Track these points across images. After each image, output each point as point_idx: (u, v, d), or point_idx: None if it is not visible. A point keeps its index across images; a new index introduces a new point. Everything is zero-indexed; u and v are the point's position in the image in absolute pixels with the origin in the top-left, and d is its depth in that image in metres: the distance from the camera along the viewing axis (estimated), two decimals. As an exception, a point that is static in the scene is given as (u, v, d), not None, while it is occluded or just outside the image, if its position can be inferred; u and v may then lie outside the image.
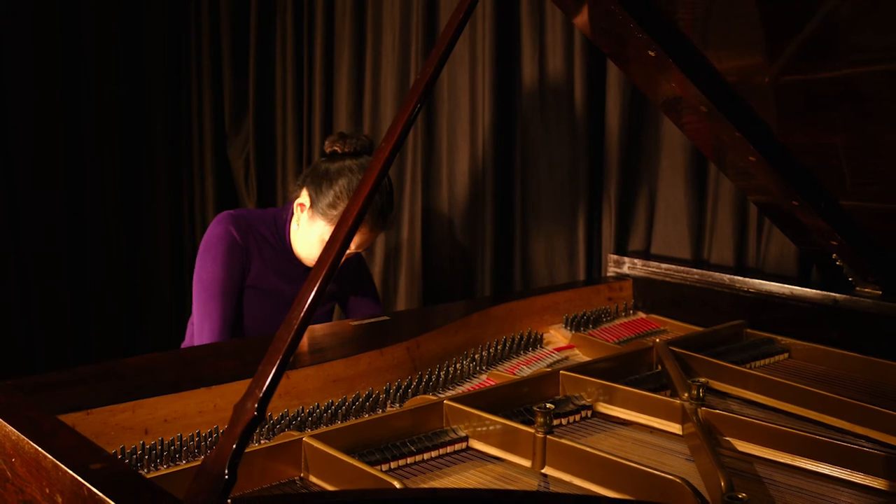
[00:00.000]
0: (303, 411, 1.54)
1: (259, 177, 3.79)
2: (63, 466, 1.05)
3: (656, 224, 2.50)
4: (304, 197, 2.18)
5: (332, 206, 2.11)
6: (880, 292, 1.92)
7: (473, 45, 2.82)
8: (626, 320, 2.21)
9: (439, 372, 1.75)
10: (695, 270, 2.26)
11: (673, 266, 2.31)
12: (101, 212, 3.93)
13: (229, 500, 1.02)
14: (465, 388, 1.73)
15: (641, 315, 2.26)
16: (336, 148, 2.19)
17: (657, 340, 1.87)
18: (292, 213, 2.23)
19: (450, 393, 1.69)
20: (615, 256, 2.46)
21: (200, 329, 2.13)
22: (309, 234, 2.17)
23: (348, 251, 2.15)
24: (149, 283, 4.08)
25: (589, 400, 1.62)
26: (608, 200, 2.55)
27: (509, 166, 2.79)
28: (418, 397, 1.61)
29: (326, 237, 2.11)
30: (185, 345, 2.31)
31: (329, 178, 2.12)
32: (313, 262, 2.18)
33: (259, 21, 3.71)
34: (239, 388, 1.48)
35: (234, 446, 1.03)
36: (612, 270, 2.45)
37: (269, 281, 2.23)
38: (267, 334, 2.17)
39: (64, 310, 3.83)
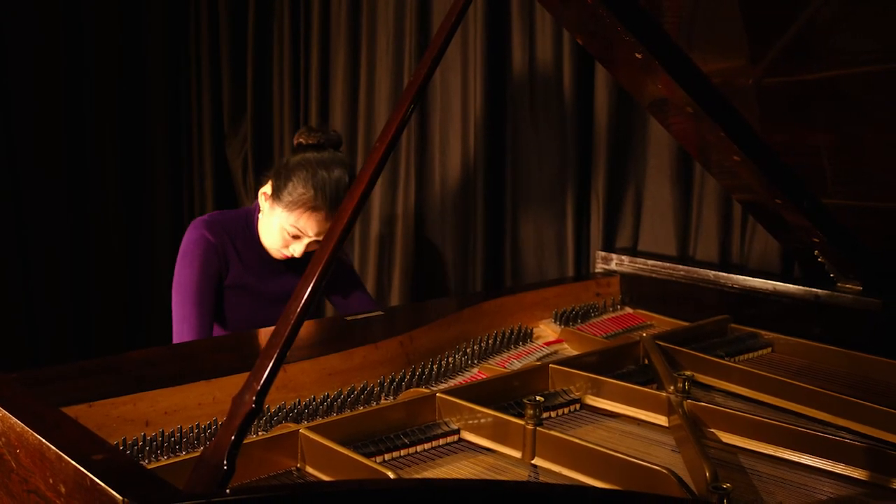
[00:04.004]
0: (299, 404, 1.56)
1: (257, 176, 3.81)
2: (66, 457, 1.06)
3: (643, 221, 2.52)
4: (268, 186, 2.21)
5: (289, 195, 2.12)
6: (861, 288, 1.94)
7: (465, 48, 2.84)
8: (613, 315, 2.23)
9: (432, 365, 1.77)
10: (681, 267, 2.27)
11: (659, 262, 2.33)
12: (103, 210, 3.94)
13: (228, 490, 1.04)
14: (458, 381, 1.74)
15: (629, 310, 2.28)
16: (301, 140, 2.22)
17: (644, 335, 1.88)
18: (259, 207, 2.25)
19: (442, 386, 1.71)
20: (603, 253, 2.48)
21: (179, 332, 2.15)
22: (271, 222, 2.18)
23: (312, 240, 2.16)
24: (149, 280, 4.09)
25: (577, 393, 1.64)
26: (596, 198, 2.58)
27: (500, 165, 2.81)
28: (411, 390, 1.63)
29: (286, 226, 2.14)
30: None
31: (288, 169, 2.15)
32: (276, 252, 2.21)
33: (257, 24, 3.72)
34: (237, 381, 1.49)
35: (233, 438, 1.05)
36: (600, 267, 2.47)
37: (247, 279, 2.24)
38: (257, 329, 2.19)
39: (66, 306, 3.85)
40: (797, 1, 1.37)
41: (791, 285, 2.05)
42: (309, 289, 1.17)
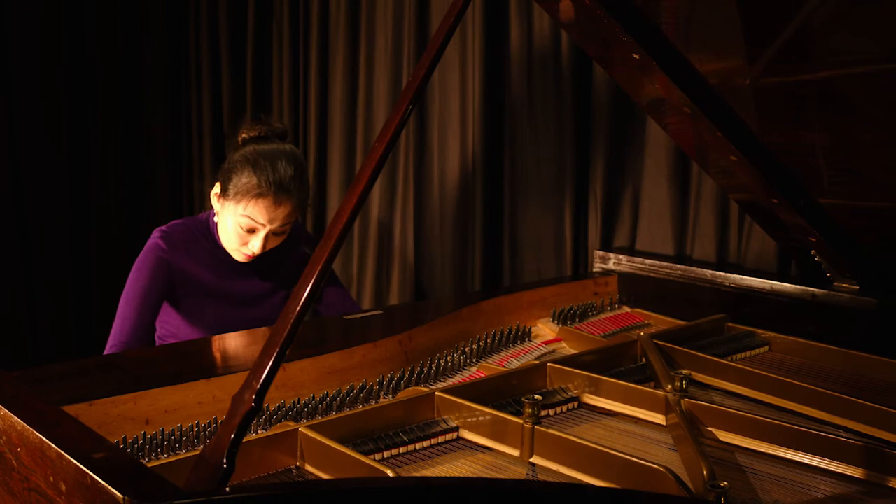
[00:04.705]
0: (299, 402, 1.56)
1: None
2: (67, 455, 1.06)
3: (641, 221, 2.53)
4: (217, 186, 2.20)
5: (234, 186, 2.11)
6: (857, 287, 1.94)
7: (464, 48, 2.84)
8: (611, 314, 2.23)
9: (431, 364, 1.77)
10: (678, 266, 2.28)
11: (657, 262, 2.33)
12: (103, 210, 3.95)
13: (228, 488, 1.04)
14: (456, 379, 1.75)
15: (626, 309, 2.29)
16: (244, 135, 2.22)
17: (641, 334, 1.89)
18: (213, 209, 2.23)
19: (441, 385, 1.71)
20: (601, 252, 2.48)
21: (118, 330, 2.13)
22: (225, 221, 2.16)
23: (268, 232, 2.12)
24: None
25: (575, 391, 1.65)
26: (594, 198, 2.58)
27: (498, 166, 2.81)
28: (410, 389, 1.64)
29: (238, 219, 2.11)
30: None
31: (231, 164, 2.15)
32: (237, 253, 2.18)
33: (256, 25, 3.73)
34: (237, 380, 1.50)
35: (233, 436, 1.06)
36: (597, 266, 2.48)
37: (212, 284, 2.22)
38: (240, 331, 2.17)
39: (67, 305, 3.86)
40: (794, 2, 1.37)
41: (788, 284, 2.05)
42: (308, 288, 1.17)
